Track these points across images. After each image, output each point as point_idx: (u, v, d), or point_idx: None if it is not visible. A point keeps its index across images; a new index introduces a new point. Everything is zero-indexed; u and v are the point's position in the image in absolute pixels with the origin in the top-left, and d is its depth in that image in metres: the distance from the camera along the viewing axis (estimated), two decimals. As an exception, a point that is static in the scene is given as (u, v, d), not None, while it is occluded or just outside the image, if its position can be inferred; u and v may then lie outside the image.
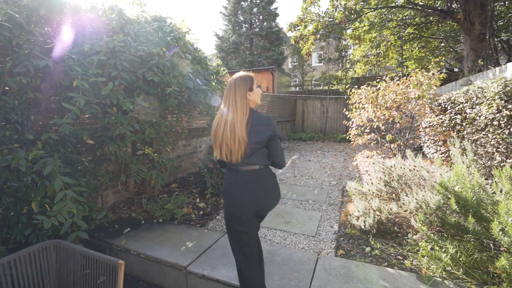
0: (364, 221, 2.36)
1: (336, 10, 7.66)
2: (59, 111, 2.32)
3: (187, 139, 4.86)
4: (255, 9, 15.13)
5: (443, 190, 2.01)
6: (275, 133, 1.55)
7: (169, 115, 3.51)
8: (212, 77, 4.11)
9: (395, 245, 2.25)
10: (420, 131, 4.72)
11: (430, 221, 2.10)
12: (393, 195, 2.54)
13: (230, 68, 14.95)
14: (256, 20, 15.39)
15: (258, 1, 15.01)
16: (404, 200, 2.16)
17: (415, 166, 2.50)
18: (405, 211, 2.20)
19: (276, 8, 15.38)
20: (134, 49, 2.41)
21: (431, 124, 5.27)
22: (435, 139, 5.30)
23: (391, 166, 2.68)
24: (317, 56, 14.39)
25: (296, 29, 8.67)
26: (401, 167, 2.56)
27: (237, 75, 1.66)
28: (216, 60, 15.01)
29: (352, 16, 7.93)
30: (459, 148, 4.01)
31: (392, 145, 4.67)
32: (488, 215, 1.96)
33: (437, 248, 1.93)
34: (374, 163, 2.92)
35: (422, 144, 6.28)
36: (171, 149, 4.31)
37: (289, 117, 11.98)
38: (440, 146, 5.14)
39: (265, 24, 15.16)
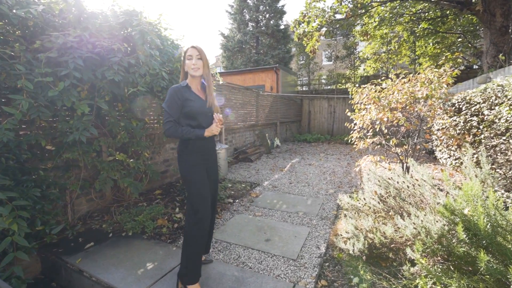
0: (353, 245, 1.99)
1: (341, 4, 7.20)
2: (5, 115, 2.09)
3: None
4: (261, 7, 14.78)
5: (448, 214, 1.61)
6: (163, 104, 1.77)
7: (146, 118, 3.25)
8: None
9: (389, 276, 1.86)
10: (430, 135, 4.25)
11: (433, 250, 1.70)
12: (390, 213, 2.15)
13: (235, 67, 14.70)
14: (263, 18, 15.03)
15: (265, -2, 14.64)
16: (399, 224, 1.77)
17: (416, 180, 2.10)
18: (401, 237, 1.81)
19: (283, 6, 14.97)
20: (91, 45, 2.15)
21: (443, 126, 4.75)
22: (448, 143, 4.78)
23: (389, 178, 2.29)
24: (325, 55, 13.87)
25: (300, 25, 8.26)
26: (398, 182, 2.15)
27: None
28: (222, 60, 14.72)
29: (360, 10, 7.43)
30: (474, 156, 3.53)
31: (398, 150, 4.21)
32: (509, 245, 1.54)
33: (439, 287, 1.54)
34: (368, 174, 2.52)
35: (434, 148, 5.74)
36: (154, 154, 4.06)
37: (294, 118, 11.57)
38: (454, 151, 4.62)
39: (271, 22, 14.78)
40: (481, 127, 3.64)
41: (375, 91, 3.91)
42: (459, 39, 10.17)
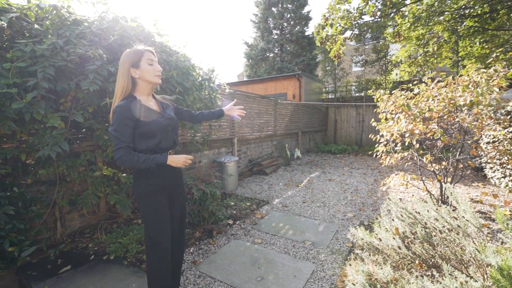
0: (362, 304, 1.48)
1: (367, 3, 6.59)
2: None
3: (183, 154, 4.38)
4: (286, 14, 14.54)
5: (506, 284, 1.06)
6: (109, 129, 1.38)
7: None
8: (204, 83, 3.58)
9: None
10: (477, 150, 3.43)
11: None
12: (417, 261, 1.59)
13: (258, 75, 14.53)
14: (287, 26, 14.76)
15: (290, 5, 14.39)
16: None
17: (455, 218, 1.52)
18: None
19: (308, 12, 14.57)
20: (66, 53, 1.99)
21: (495, 139, 3.90)
22: (503, 159, 3.90)
23: (417, 212, 1.73)
24: (353, 60, 13.04)
25: (323, 30, 7.77)
26: (429, 220, 1.59)
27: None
28: (245, 69, 14.66)
29: (389, 10, 6.74)
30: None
31: (436, 167, 3.49)
32: None
33: None
34: (388, 204, 1.97)
35: (483, 165, 4.79)
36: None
37: (319, 127, 10.93)
38: (510, 169, 3.74)
39: (296, 28, 14.43)
40: (549, 142, 2.83)
41: (405, 97, 3.30)
42: (514, 36, 8.79)
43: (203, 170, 3.58)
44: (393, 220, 2.02)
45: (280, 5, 14.63)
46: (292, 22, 14.65)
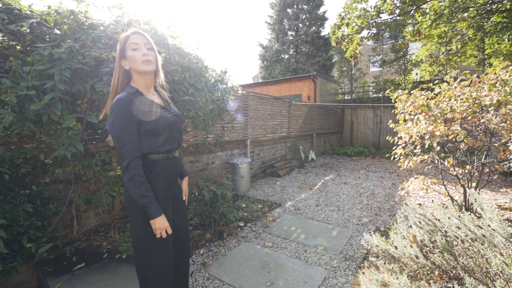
0: (376, 316, 1.39)
1: (385, 1, 6.38)
2: None
3: (195, 155, 4.42)
4: (301, 15, 14.42)
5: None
6: (108, 126, 1.18)
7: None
8: (217, 85, 3.60)
9: None
10: (505, 153, 3.15)
11: None
12: (436, 272, 1.48)
13: (273, 76, 14.50)
14: (302, 26, 14.63)
15: (305, 6, 14.26)
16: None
17: (479, 227, 1.40)
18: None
19: (324, 12, 14.37)
20: (81, 56, 2.05)
21: (527, 142, 3.60)
22: (536, 164, 3.59)
23: (436, 219, 1.61)
24: (370, 60, 12.67)
25: (339, 29, 7.62)
26: (449, 228, 1.46)
27: None
28: (260, 70, 14.67)
29: (408, 7, 6.48)
30: None
31: (459, 170, 3.29)
32: None
33: None
34: (405, 209, 1.86)
35: (513, 169, 4.46)
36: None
37: (334, 129, 10.70)
38: (545, 175, 3.44)
39: (312, 29, 14.27)
40: None
41: (425, 97, 3.14)
42: (548, 32, 8.18)
43: (215, 172, 3.59)
44: (410, 227, 1.90)
45: (295, 6, 14.54)
46: (307, 23, 14.50)
